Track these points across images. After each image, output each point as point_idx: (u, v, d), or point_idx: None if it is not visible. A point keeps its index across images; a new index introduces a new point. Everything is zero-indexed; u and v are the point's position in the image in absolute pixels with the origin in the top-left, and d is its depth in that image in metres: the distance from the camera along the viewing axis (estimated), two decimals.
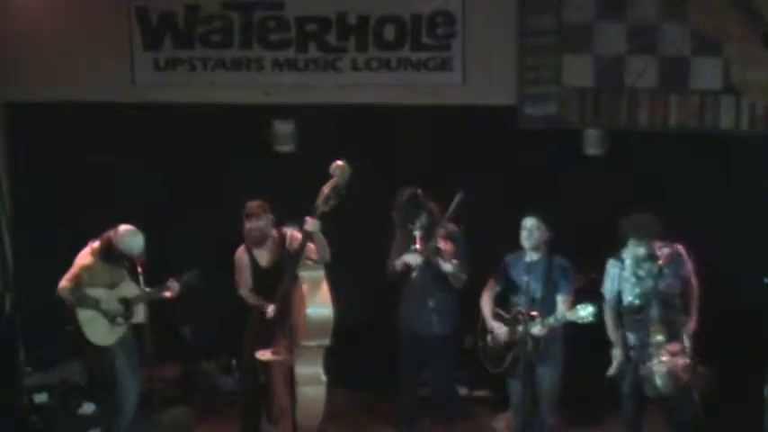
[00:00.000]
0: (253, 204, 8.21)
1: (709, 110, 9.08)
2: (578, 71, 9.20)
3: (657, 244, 7.52)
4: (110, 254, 8.04)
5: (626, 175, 9.31)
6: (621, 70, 9.14)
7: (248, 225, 8.21)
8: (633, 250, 7.49)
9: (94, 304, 8.03)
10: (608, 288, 7.69)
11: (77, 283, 8.01)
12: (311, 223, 7.61)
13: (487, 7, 9.26)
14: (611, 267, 7.67)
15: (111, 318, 8.06)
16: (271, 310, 7.99)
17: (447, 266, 7.93)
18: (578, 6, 9.11)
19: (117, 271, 8.16)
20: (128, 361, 8.18)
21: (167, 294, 8.24)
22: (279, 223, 8.31)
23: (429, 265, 7.96)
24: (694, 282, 7.57)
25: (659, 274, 7.48)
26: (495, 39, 9.26)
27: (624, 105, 9.21)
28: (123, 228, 8.01)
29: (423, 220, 7.98)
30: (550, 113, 9.28)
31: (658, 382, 7.40)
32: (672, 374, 7.36)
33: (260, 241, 8.24)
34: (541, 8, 9.16)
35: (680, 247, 7.60)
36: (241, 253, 8.33)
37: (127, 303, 8.12)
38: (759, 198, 9.06)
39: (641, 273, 7.53)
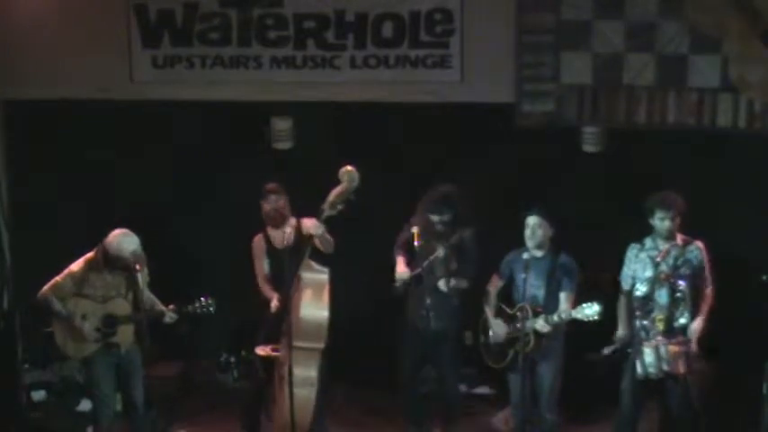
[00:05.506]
0: (271, 184, 8.29)
1: (707, 108, 9.06)
2: (577, 69, 9.17)
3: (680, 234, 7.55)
4: (105, 262, 7.79)
5: (624, 172, 9.31)
6: (620, 68, 9.13)
7: (267, 206, 8.27)
8: (658, 225, 7.51)
9: (67, 318, 7.78)
10: (625, 273, 7.73)
11: (57, 292, 7.77)
12: (316, 226, 7.65)
13: (486, 4, 9.23)
14: (630, 250, 7.72)
15: (87, 334, 7.80)
16: (275, 302, 8.04)
17: (441, 286, 7.95)
18: (576, 4, 9.08)
19: (113, 284, 7.86)
20: (107, 373, 7.88)
21: (165, 320, 8.01)
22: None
23: (431, 270, 7.98)
24: (710, 283, 7.59)
25: (675, 263, 7.49)
26: (494, 36, 9.23)
27: (622, 103, 9.19)
28: (115, 231, 7.80)
29: (445, 218, 7.99)
30: (548, 111, 9.26)
31: (646, 359, 7.43)
32: (660, 355, 7.38)
33: (279, 221, 8.25)
34: (540, 6, 9.14)
35: (700, 243, 7.61)
36: (258, 239, 8.38)
37: (114, 321, 7.81)
38: (757, 196, 9.06)
39: (658, 258, 7.52)
